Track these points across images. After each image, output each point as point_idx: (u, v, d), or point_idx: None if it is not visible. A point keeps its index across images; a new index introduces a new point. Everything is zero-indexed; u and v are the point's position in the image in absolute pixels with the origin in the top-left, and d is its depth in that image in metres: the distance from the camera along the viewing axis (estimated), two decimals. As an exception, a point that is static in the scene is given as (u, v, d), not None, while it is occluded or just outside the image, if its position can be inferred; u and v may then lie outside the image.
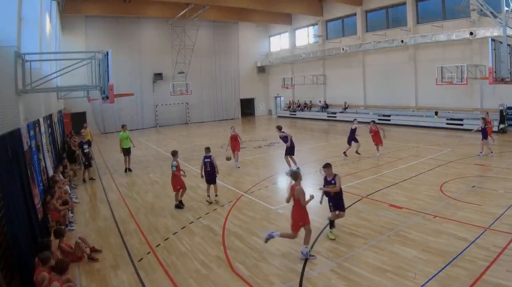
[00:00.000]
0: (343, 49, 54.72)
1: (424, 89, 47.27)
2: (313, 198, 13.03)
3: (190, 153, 34.92)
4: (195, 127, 60.71)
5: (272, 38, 77.12)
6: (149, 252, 14.02)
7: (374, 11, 53.84)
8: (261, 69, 76.65)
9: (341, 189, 14.37)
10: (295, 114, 68.02)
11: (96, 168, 30.47)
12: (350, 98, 58.66)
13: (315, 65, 64.95)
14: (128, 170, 28.60)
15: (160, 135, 53.08)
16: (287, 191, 13.20)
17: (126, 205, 20.54)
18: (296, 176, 13.10)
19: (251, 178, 24.49)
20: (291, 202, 13.05)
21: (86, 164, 26.53)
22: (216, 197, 19.83)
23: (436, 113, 43.94)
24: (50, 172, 22.97)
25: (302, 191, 12.86)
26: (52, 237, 14.12)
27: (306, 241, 12.73)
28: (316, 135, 45.81)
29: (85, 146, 26.99)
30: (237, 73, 72.74)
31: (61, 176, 22.47)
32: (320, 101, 64.55)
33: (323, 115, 61.94)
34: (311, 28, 66.62)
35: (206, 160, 19.68)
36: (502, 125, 37.57)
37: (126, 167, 28.87)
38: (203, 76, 68.11)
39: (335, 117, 58.96)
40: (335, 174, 14.23)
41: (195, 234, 15.68)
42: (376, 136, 29.30)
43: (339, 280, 11.27)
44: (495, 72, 25.15)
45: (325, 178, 14.52)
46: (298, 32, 70.32)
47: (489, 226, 14.23)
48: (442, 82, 40.20)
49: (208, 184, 20.04)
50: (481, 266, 11.27)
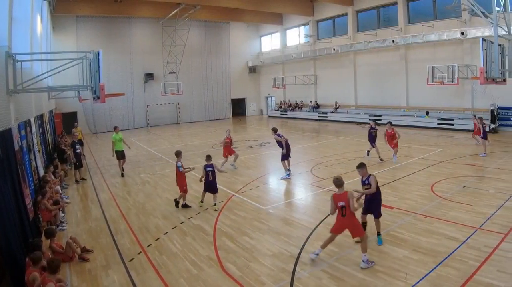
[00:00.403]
0: (334, 49, 54.74)
1: (415, 89, 47.35)
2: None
3: (182, 153, 34.89)
4: (186, 127, 60.61)
5: (263, 38, 77.13)
6: (140, 252, 14.00)
7: (365, 11, 53.89)
8: (252, 69, 76.62)
9: (379, 192, 13.81)
10: (286, 115, 67.97)
11: (87, 167, 30.40)
12: (341, 98, 58.65)
13: (306, 65, 65.07)
14: (122, 171, 27.75)
15: (151, 135, 52.93)
16: (331, 202, 12.28)
17: (117, 205, 20.49)
18: (340, 183, 12.34)
19: (242, 178, 24.50)
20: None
21: (77, 164, 26.32)
22: (215, 206, 18.86)
23: (427, 113, 44.02)
24: (41, 172, 22.93)
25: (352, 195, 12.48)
26: (43, 237, 14.09)
27: (365, 249, 12.30)
28: (307, 135, 45.80)
29: (77, 146, 26.82)
30: (228, 73, 72.71)
31: (52, 176, 22.41)
32: (311, 101, 64.59)
33: (314, 115, 61.93)
34: (302, 28, 66.63)
35: (208, 169, 18.84)
36: (493, 126, 37.60)
37: (122, 171, 27.72)
38: (194, 76, 68.14)
39: (326, 117, 58.94)
40: (369, 174, 13.78)
41: (186, 234, 15.67)
42: (391, 140, 26.80)
43: (330, 280, 11.28)
44: (486, 72, 25.25)
45: (361, 179, 14.06)
46: (289, 32, 70.35)
47: (480, 226, 14.28)
48: (433, 82, 40.14)
49: (204, 191, 19.22)
50: (472, 266, 11.29)
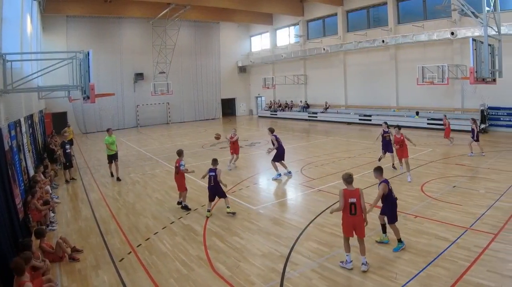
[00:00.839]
0: (324, 49, 54.80)
1: (405, 89, 47.51)
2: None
3: (172, 153, 34.79)
4: (176, 127, 60.56)
5: (253, 38, 77.21)
6: (130, 252, 14.00)
7: (355, 11, 53.98)
8: (242, 69, 76.71)
9: (390, 198, 13.28)
10: (276, 114, 68.03)
11: (77, 167, 30.37)
12: (331, 98, 58.79)
13: (296, 65, 65.14)
14: (112, 175, 26.77)
15: (141, 135, 52.88)
16: (341, 198, 11.83)
17: (107, 205, 20.48)
18: (351, 179, 12.06)
19: (232, 178, 24.49)
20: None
21: (67, 164, 26.34)
22: (228, 208, 17.92)
23: (417, 113, 44.11)
24: (31, 172, 22.93)
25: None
26: (33, 237, 14.08)
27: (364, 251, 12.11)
28: (297, 135, 45.76)
29: (67, 146, 26.84)
30: (218, 73, 72.69)
31: (42, 176, 22.38)
32: (301, 101, 64.67)
33: (304, 115, 61.97)
34: (292, 28, 66.69)
35: (211, 173, 18.08)
36: (483, 126, 37.69)
37: (116, 175, 26.53)
38: (184, 76, 68.16)
39: (316, 117, 59.00)
40: (381, 181, 13.41)
41: (176, 234, 15.69)
42: (401, 149, 22.51)
43: (320, 280, 11.30)
44: (476, 72, 25.30)
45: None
46: (279, 32, 70.42)
47: (470, 226, 14.35)
48: (423, 82, 40.20)
49: (210, 201, 18.16)
50: (462, 266, 11.35)
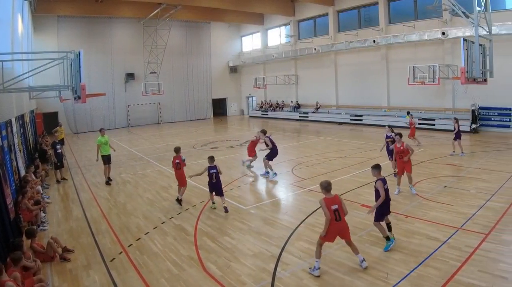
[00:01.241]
0: (315, 49, 54.89)
1: (396, 89, 47.65)
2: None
3: (163, 153, 34.91)
4: (167, 127, 60.56)
5: (244, 38, 77.28)
6: (121, 252, 14.00)
7: (346, 11, 54.10)
8: (233, 69, 76.74)
9: (385, 195, 13.18)
10: (267, 114, 68.13)
11: (68, 167, 30.34)
12: (322, 98, 58.87)
13: (287, 65, 65.21)
14: (108, 179, 25.65)
15: (132, 135, 52.89)
16: (324, 208, 11.51)
17: (98, 205, 20.47)
18: (330, 187, 11.85)
19: (223, 178, 24.07)
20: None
21: (58, 164, 26.28)
22: (225, 204, 18.27)
23: (408, 113, 44.22)
24: (22, 171, 22.84)
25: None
26: (24, 237, 14.06)
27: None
28: (288, 135, 45.84)
29: (58, 146, 26.77)
30: (209, 73, 72.78)
31: (33, 176, 22.36)
32: (292, 101, 64.71)
33: (295, 115, 62.08)
34: (283, 28, 66.82)
35: (212, 171, 18.51)
36: (474, 126, 37.96)
37: (106, 177, 25.62)
38: (175, 76, 68.21)
39: (307, 117, 59.12)
40: (377, 179, 13.49)
41: (167, 234, 15.70)
42: (401, 160, 19.60)
43: (311, 280, 11.32)
44: (467, 72, 25.27)
45: None
46: (270, 32, 70.53)
47: (461, 226, 14.39)
48: (414, 82, 40.30)
49: (211, 193, 18.80)
50: (453, 266, 11.38)
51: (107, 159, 25.38)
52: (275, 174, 24.20)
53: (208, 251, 13.78)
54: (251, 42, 75.32)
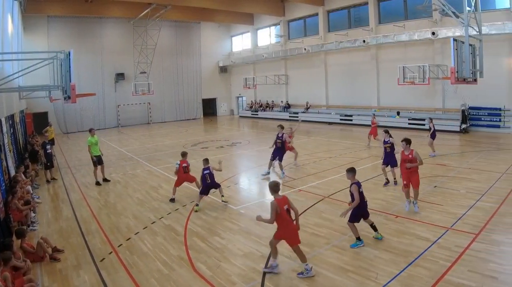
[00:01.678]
0: (305, 49, 54.95)
1: (386, 89, 47.75)
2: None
3: (153, 153, 34.86)
4: (157, 127, 60.48)
5: (234, 38, 77.28)
6: (111, 252, 13.98)
7: (336, 11, 54.20)
8: (223, 69, 76.74)
9: (359, 199, 13.12)
10: (257, 115, 68.14)
11: (58, 167, 30.27)
12: (312, 98, 59.03)
13: (277, 65, 65.25)
14: (105, 180, 25.48)
15: (122, 135, 52.85)
16: (275, 209, 11.76)
17: (88, 205, 20.43)
18: (278, 188, 12.29)
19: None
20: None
21: (48, 164, 26.23)
22: (223, 197, 19.42)
23: (398, 113, 44.26)
24: (12, 171, 22.82)
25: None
26: (14, 237, 14.04)
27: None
28: (278, 135, 45.58)
29: (48, 146, 26.74)
30: (199, 73, 72.77)
31: (23, 176, 22.30)
32: (282, 101, 64.81)
33: (285, 115, 61.86)
34: (273, 28, 66.88)
35: (206, 171, 18.87)
36: (464, 126, 38.10)
37: (97, 178, 25.17)
38: (165, 76, 68.19)
39: (297, 117, 58.42)
40: (352, 183, 13.51)
41: (157, 234, 15.69)
42: (410, 171, 16.53)
43: (301, 280, 11.34)
44: (457, 72, 25.39)
45: None
46: (260, 32, 70.59)
47: (451, 226, 14.42)
48: (404, 82, 40.27)
49: (202, 194, 19.06)
50: (443, 266, 11.41)
51: (98, 160, 25.09)
52: (268, 172, 24.38)
53: (198, 251, 13.79)
54: (241, 42, 75.30)
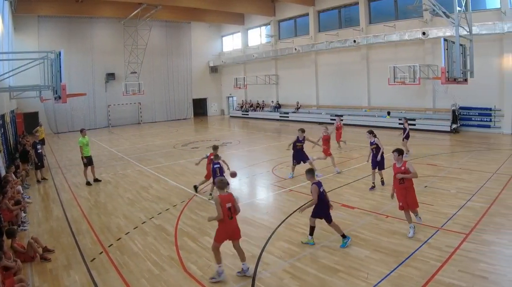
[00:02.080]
0: (295, 49, 55.07)
1: (377, 89, 47.84)
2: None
3: (143, 153, 34.83)
4: (148, 127, 60.38)
5: (224, 38, 77.24)
6: (101, 252, 13.96)
7: (327, 11, 54.28)
8: (214, 69, 76.70)
9: (319, 198, 13.12)
10: (248, 115, 68.16)
11: (48, 167, 30.18)
12: (302, 98, 59.04)
13: (267, 65, 65.27)
14: (96, 180, 25.38)
15: (113, 135, 52.69)
16: (219, 205, 11.54)
17: (78, 204, 20.37)
18: (225, 184, 12.15)
19: (203, 178, 24.49)
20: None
21: (38, 164, 26.18)
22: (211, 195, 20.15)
23: (389, 113, 44.31)
24: (3, 172, 22.75)
25: None
26: (5, 237, 14.01)
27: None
28: (268, 135, 45.88)
29: (38, 146, 26.69)
30: (190, 73, 72.72)
31: (14, 176, 22.24)
32: (273, 101, 64.83)
33: (276, 115, 62.17)
34: (263, 28, 66.88)
35: (216, 165, 19.12)
36: (454, 126, 38.23)
37: (88, 179, 25.05)
38: (156, 76, 68.04)
39: (287, 117, 59.21)
40: (312, 183, 13.45)
41: (148, 234, 15.68)
42: (405, 187, 14.24)
43: (291, 280, 11.35)
44: (448, 72, 25.39)
45: None
46: (250, 32, 70.58)
47: (442, 226, 14.47)
48: (394, 82, 40.41)
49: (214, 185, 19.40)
50: (434, 266, 11.43)
51: (89, 160, 25.11)
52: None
53: (188, 251, 13.81)
54: (231, 42, 75.28)
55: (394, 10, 45.41)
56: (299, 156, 23.66)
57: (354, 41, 46.02)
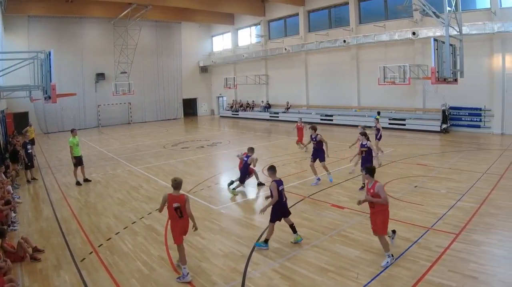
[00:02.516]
0: (285, 49, 54.96)
1: (367, 89, 47.86)
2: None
3: (133, 153, 34.77)
4: (138, 127, 60.27)
5: (214, 38, 77.15)
6: (91, 252, 13.95)
7: (317, 11, 54.27)
8: (204, 69, 76.59)
9: (278, 197, 13.33)
10: (238, 115, 68.12)
11: (38, 167, 30.07)
12: (292, 98, 59.05)
13: (257, 65, 65.29)
14: (86, 180, 25.32)
15: (103, 135, 52.54)
16: (163, 201, 12.02)
17: (68, 204, 20.33)
18: (179, 185, 12.06)
19: (194, 178, 24.47)
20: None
21: (28, 164, 26.13)
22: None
23: (379, 113, 44.27)
24: (-8, 172, 22.74)
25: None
26: (-6, 237, 14.00)
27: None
28: (258, 135, 45.92)
29: (29, 146, 26.68)
30: (180, 73, 72.60)
31: (3, 176, 22.18)
32: (263, 101, 64.86)
33: (266, 115, 62.17)
34: (253, 28, 66.81)
35: (245, 158, 20.88)
36: (444, 126, 38.32)
37: (77, 178, 24.96)
38: (146, 76, 67.90)
39: (277, 117, 59.27)
40: (272, 180, 13.63)
41: (138, 234, 15.67)
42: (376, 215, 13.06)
43: (281, 280, 11.38)
44: (438, 72, 25.52)
45: None
46: (240, 32, 70.47)
47: (432, 226, 14.52)
48: (384, 82, 40.42)
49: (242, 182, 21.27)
50: (424, 266, 11.48)
51: (79, 160, 24.97)
52: (318, 179, 22.53)
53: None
54: (221, 42, 75.19)
55: (384, 10, 45.46)
56: (316, 154, 22.51)
57: (344, 41, 46.00)
